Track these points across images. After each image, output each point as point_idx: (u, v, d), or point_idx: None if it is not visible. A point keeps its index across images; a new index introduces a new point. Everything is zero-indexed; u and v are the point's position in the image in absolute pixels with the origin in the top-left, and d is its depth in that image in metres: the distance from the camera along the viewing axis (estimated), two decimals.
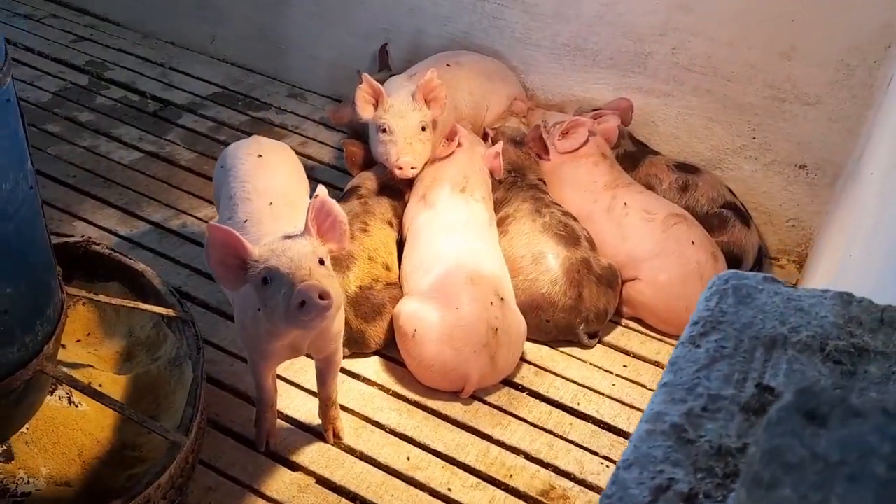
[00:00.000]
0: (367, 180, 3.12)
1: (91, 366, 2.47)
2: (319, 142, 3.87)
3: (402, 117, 2.97)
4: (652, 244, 2.98)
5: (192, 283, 2.98)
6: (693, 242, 2.95)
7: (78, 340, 2.62)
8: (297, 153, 3.72)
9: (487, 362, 2.59)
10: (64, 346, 2.51)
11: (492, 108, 3.51)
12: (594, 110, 3.45)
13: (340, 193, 3.18)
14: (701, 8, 3.16)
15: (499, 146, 3.18)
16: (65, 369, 2.40)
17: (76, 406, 2.31)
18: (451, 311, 2.61)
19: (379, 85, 3.00)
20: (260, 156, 2.61)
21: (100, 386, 2.40)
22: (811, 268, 3.19)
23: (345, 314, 2.62)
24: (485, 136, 3.43)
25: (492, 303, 2.63)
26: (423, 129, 3.00)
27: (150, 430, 2.09)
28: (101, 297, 2.38)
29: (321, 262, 1.98)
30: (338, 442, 2.48)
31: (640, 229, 3.02)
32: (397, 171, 2.97)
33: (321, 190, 2.09)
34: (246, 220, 2.37)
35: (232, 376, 2.65)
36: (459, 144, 3.15)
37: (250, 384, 2.60)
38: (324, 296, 1.86)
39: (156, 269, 2.97)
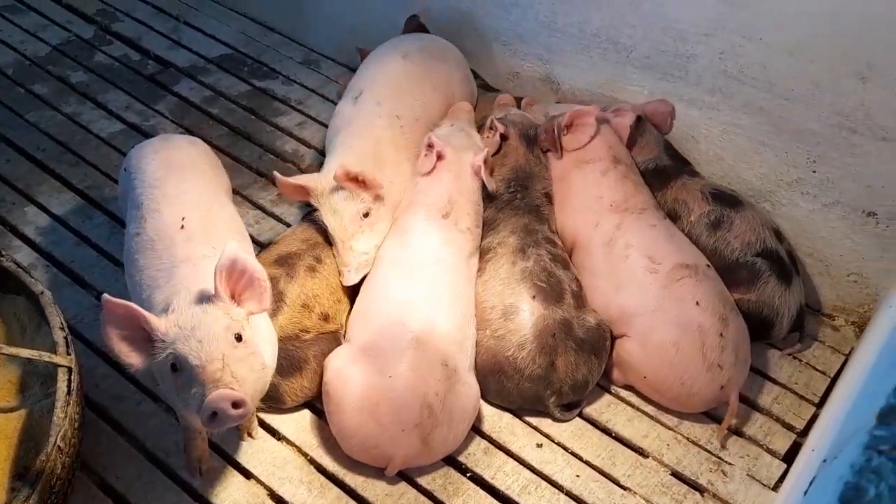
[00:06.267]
0: None
1: None
2: (320, 123, 3.43)
3: (334, 213, 2.45)
4: (648, 299, 2.43)
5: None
6: (698, 303, 2.39)
7: None
8: (292, 135, 3.38)
9: (417, 444, 2.16)
10: None
11: (457, 94, 2.98)
12: (616, 109, 2.86)
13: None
14: (756, 4, 2.49)
15: (482, 154, 2.63)
16: None
17: None
18: (382, 377, 2.17)
19: (296, 183, 2.49)
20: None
21: None
22: (872, 335, 2.55)
23: None
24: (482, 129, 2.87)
25: (436, 376, 2.18)
26: (367, 214, 2.47)
27: None
28: None
29: (238, 339, 1.78)
30: None
31: (637, 280, 2.47)
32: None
33: (230, 246, 1.79)
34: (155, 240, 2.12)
35: (134, 420, 2.33)
36: (440, 157, 2.63)
37: (152, 429, 2.30)
38: (238, 404, 1.70)
39: (94, 273, 2.73)
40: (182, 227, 2.15)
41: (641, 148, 2.82)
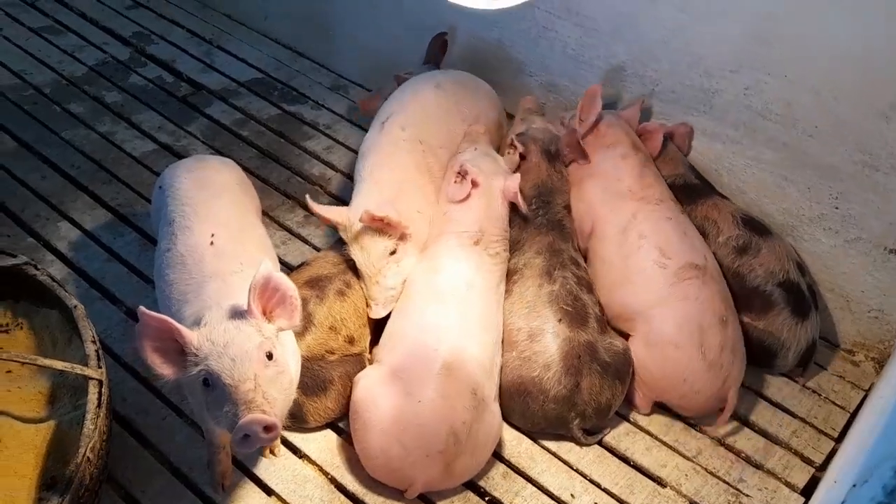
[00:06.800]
0: None
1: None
2: (347, 147, 3.49)
3: (362, 250, 2.47)
4: (652, 295, 2.50)
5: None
6: (700, 304, 2.45)
7: (9, 371, 2.42)
8: (319, 159, 3.44)
9: (440, 470, 2.18)
10: None
11: (481, 121, 2.94)
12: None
13: None
14: (782, 42, 2.53)
15: (517, 180, 2.64)
16: None
17: None
18: (410, 402, 2.19)
19: (326, 216, 2.51)
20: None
21: None
22: (892, 371, 2.56)
23: None
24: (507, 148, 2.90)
25: (464, 404, 2.20)
26: (394, 251, 2.48)
27: None
28: None
29: (269, 357, 1.81)
30: None
31: (646, 273, 2.53)
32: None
33: (265, 265, 1.84)
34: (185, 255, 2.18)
35: (159, 434, 2.37)
36: (475, 185, 2.62)
37: (177, 444, 2.34)
38: (270, 428, 1.72)
39: (124, 288, 2.79)
40: (211, 243, 2.21)
41: (665, 162, 2.87)
